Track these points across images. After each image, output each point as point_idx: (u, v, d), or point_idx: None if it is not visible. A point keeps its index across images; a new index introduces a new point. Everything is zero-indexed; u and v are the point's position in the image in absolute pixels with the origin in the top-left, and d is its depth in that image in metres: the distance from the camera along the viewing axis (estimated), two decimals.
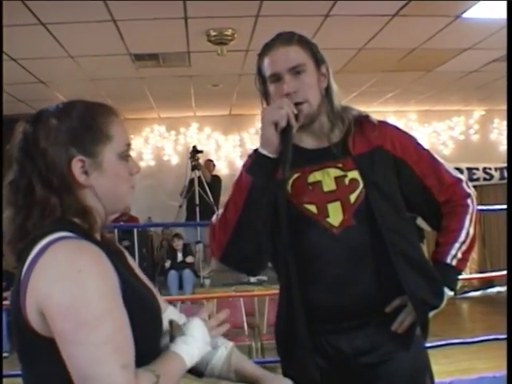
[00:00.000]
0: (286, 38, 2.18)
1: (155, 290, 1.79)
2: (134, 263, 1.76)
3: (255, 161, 2.09)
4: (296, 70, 2.14)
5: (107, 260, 1.45)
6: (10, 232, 1.53)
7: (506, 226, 2.93)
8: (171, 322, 1.71)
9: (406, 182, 2.22)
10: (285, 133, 2.03)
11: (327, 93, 2.22)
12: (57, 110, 1.57)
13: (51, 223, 1.48)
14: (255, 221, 2.10)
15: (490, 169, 10.59)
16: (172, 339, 1.65)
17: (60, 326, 1.36)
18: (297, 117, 2.06)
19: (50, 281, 1.37)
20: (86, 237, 1.49)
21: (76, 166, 1.51)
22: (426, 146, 2.31)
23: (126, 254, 1.74)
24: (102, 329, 1.36)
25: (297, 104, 2.14)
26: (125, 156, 1.62)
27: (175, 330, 1.67)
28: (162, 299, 1.83)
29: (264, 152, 2.05)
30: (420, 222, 2.45)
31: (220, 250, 2.18)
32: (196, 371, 1.79)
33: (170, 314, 1.81)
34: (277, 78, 2.17)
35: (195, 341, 1.64)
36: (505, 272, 4.48)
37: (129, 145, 1.65)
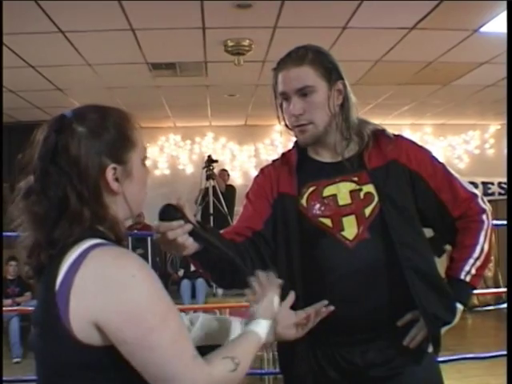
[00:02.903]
0: (297, 57, 2.18)
1: None
2: None
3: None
4: (303, 92, 2.16)
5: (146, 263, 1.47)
6: (34, 239, 1.51)
7: (507, 241, 2.90)
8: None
9: (420, 196, 2.21)
10: (194, 235, 1.87)
11: (342, 108, 2.21)
12: (79, 116, 1.54)
13: (79, 232, 1.46)
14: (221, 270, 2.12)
15: (505, 183, 10.54)
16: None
17: (129, 333, 1.36)
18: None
19: (104, 290, 1.36)
20: (116, 243, 1.49)
21: (109, 174, 1.51)
22: (441, 160, 2.31)
23: None
24: (169, 329, 1.40)
25: (302, 125, 2.18)
26: (145, 160, 1.64)
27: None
28: None
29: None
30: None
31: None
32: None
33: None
34: (286, 97, 2.20)
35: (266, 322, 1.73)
36: None
37: (145, 148, 1.66)
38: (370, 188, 2.17)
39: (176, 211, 1.83)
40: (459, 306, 2.18)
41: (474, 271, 2.19)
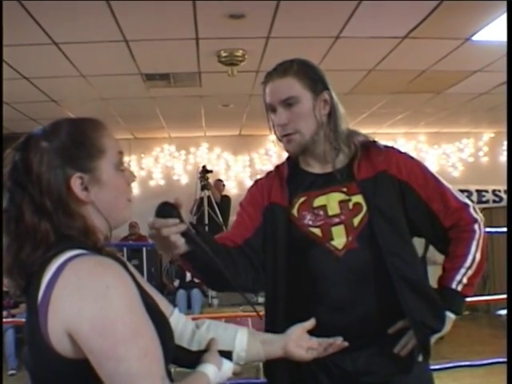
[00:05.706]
0: (283, 69, 2.23)
1: (159, 296, 1.84)
2: (136, 273, 1.74)
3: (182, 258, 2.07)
4: (287, 103, 2.19)
5: (126, 272, 1.45)
6: (7, 262, 1.52)
7: (506, 248, 2.91)
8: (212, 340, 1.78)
9: (410, 206, 2.23)
10: (186, 236, 1.93)
11: (330, 118, 2.24)
12: (45, 132, 1.56)
13: (59, 244, 1.47)
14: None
15: (499, 191, 10.57)
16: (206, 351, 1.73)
17: (98, 344, 1.34)
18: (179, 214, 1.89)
19: (78, 300, 1.35)
20: (97, 252, 1.49)
21: (75, 184, 1.51)
22: (436, 168, 2.33)
23: (128, 264, 1.71)
24: (140, 342, 1.37)
25: (288, 135, 2.21)
26: (121, 165, 1.63)
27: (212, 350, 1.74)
28: (166, 303, 1.90)
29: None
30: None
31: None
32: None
33: (176, 317, 1.90)
34: (272, 108, 2.24)
35: (221, 372, 1.69)
36: None
37: (121, 152, 1.65)
38: (358, 198, 2.20)
39: (173, 209, 1.86)
40: (450, 315, 2.21)
41: (465, 280, 2.21)
